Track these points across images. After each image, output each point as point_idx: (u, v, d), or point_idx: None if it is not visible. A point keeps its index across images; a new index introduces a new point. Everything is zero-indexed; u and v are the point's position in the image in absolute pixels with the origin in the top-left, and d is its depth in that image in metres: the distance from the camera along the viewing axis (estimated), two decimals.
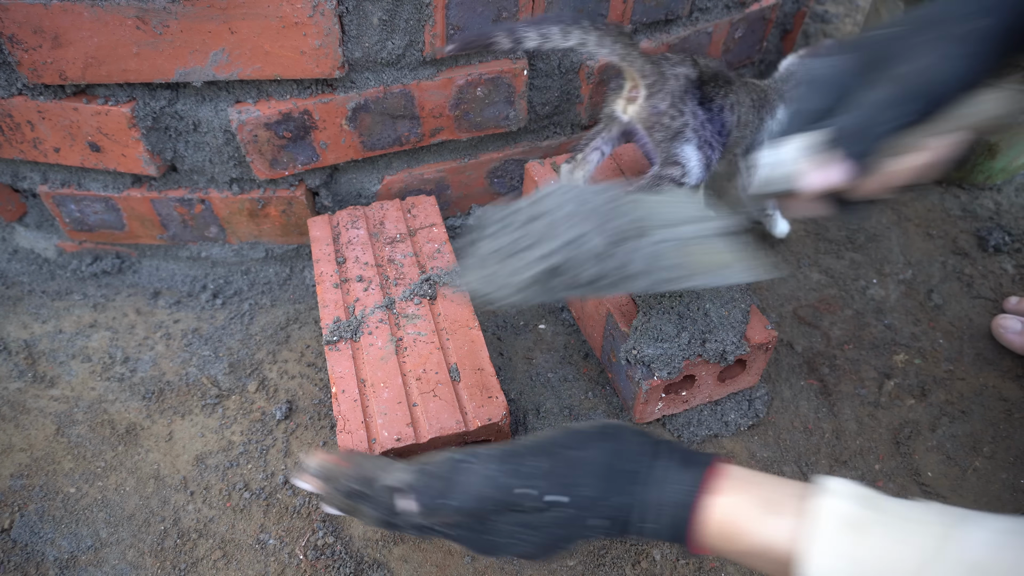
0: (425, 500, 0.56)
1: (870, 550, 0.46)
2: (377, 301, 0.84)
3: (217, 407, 0.92)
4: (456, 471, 0.57)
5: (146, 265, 1.10)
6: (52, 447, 0.87)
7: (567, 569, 0.77)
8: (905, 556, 0.45)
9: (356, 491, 0.60)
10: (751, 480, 0.54)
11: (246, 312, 1.04)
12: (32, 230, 1.09)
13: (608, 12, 0.95)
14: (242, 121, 0.87)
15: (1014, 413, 0.93)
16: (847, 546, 0.46)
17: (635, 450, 0.56)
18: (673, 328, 0.79)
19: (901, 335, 1.04)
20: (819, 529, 0.48)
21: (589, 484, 0.55)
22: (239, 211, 1.01)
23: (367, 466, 0.62)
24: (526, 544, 0.56)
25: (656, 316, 0.81)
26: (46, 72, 0.83)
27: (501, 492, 0.55)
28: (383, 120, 0.94)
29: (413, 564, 0.77)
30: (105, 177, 0.99)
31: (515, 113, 1.00)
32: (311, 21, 0.80)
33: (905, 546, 0.45)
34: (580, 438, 0.57)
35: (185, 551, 0.78)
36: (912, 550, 0.45)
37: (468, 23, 0.87)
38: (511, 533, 0.56)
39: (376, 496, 0.59)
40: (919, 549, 0.45)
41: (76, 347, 0.99)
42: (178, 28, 0.79)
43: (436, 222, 0.96)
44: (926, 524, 0.46)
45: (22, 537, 0.78)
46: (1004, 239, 1.17)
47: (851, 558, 0.46)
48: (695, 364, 0.80)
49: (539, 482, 0.55)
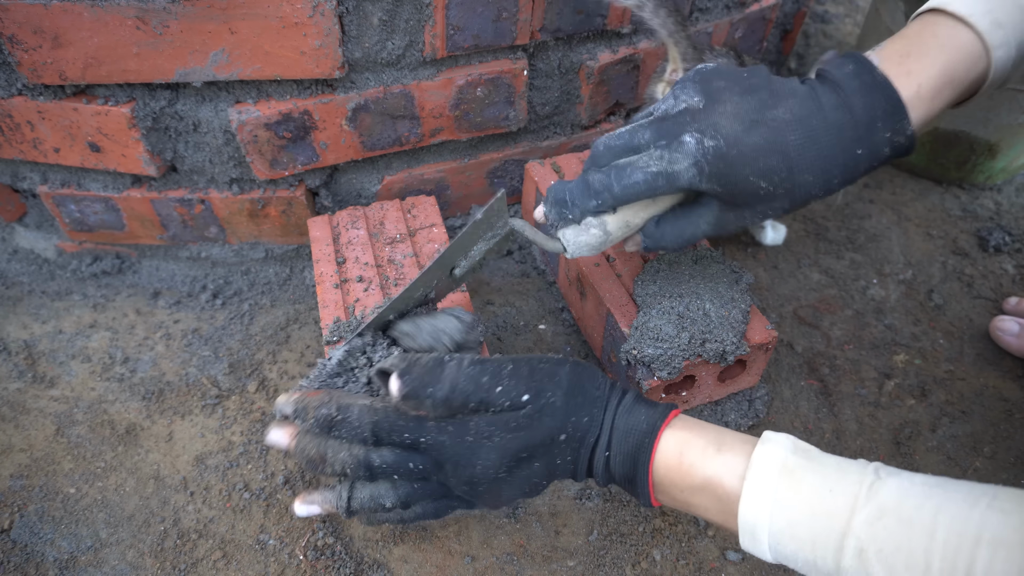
0: (410, 384, 0.58)
1: (801, 493, 0.50)
2: (377, 301, 0.84)
3: (217, 407, 0.92)
4: (441, 366, 0.59)
5: (146, 265, 1.10)
6: (52, 447, 0.87)
7: (567, 569, 0.77)
8: (831, 500, 0.49)
9: (331, 417, 0.61)
10: (703, 424, 0.59)
11: (246, 312, 1.04)
12: (32, 230, 1.09)
13: (608, 12, 0.95)
14: (242, 121, 0.87)
15: (1015, 413, 0.93)
16: (782, 490, 0.51)
17: (601, 382, 0.62)
18: (673, 328, 0.79)
19: (901, 335, 1.04)
20: (759, 470, 0.52)
21: (559, 396, 0.59)
22: (239, 211, 1.01)
23: (343, 396, 0.64)
24: (499, 454, 0.58)
25: (656, 316, 0.81)
26: (46, 72, 0.83)
27: (481, 389, 0.58)
28: (383, 120, 0.94)
29: (413, 564, 0.77)
30: (105, 177, 0.99)
31: (515, 113, 1.00)
32: (311, 21, 0.80)
33: (832, 492, 0.49)
34: (554, 361, 0.62)
35: (185, 551, 0.78)
36: (838, 496, 0.49)
37: (468, 23, 0.87)
38: (487, 435, 0.58)
39: (352, 420, 0.61)
40: (844, 495, 0.49)
41: (76, 347, 0.99)
42: (178, 28, 0.79)
43: (436, 222, 0.96)
44: (855, 474, 0.50)
45: (22, 537, 0.78)
46: (1004, 239, 1.17)
47: (783, 500, 0.50)
48: (695, 364, 0.80)
49: (515, 383, 0.58)
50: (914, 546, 0.45)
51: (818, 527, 0.49)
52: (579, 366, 0.62)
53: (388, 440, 0.60)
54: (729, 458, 0.55)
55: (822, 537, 0.49)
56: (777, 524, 0.51)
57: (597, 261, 0.92)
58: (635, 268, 0.89)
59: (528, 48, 0.95)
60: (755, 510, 0.52)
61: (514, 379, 0.59)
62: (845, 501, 0.48)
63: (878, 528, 0.46)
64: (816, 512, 0.49)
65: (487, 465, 0.59)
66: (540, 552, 0.78)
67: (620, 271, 0.89)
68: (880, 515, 0.47)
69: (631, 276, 0.88)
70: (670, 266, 0.87)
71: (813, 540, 0.49)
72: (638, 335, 0.80)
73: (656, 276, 0.85)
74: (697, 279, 0.84)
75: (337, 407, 0.62)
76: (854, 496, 0.48)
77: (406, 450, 0.61)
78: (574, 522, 0.81)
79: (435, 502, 0.65)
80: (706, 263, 0.87)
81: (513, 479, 0.60)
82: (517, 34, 0.91)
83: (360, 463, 0.62)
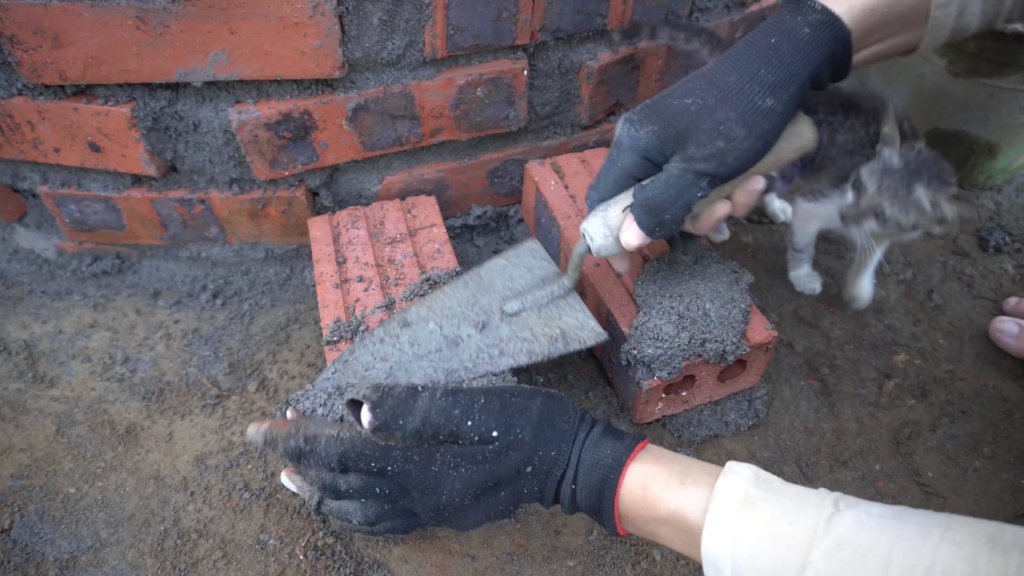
0: (382, 417, 0.59)
1: (762, 526, 0.51)
2: (377, 301, 0.84)
3: (217, 407, 0.92)
4: (414, 397, 0.60)
5: (146, 265, 1.10)
6: (52, 447, 0.87)
7: (567, 569, 0.77)
8: (791, 533, 0.50)
9: (299, 448, 0.63)
10: (669, 456, 0.60)
11: (246, 312, 1.04)
12: (32, 230, 1.09)
13: (608, 12, 0.95)
14: (242, 121, 0.87)
15: (1014, 413, 0.93)
16: (744, 522, 0.52)
17: (572, 415, 0.62)
18: (673, 328, 0.79)
19: (901, 335, 1.04)
20: (721, 503, 0.53)
21: (527, 431, 0.60)
22: (239, 211, 1.01)
23: (310, 426, 0.65)
24: (464, 484, 0.60)
25: (656, 316, 0.81)
26: (46, 72, 0.83)
27: (452, 422, 0.59)
28: (383, 120, 0.94)
29: (413, 564, 0.77)
30: (105, 177, 0.99)
31: (515, 113, 1.00)
32: (311, 21, 0.80)
33: (792, 525, 0.50)
34: (526, 393, 0.63)
35: (185, 551, 0.78)
36: (797, 529, 0.50)
37: (468, 23, 0.87)
38: (454, 465, 0.60)
39: (319, 451, 0.62)
40: (803, 528, 0.49)
41: (76, 347, 0.99)
42: (178, 28, 0.79)
43: (436, 222, 0.96)
44: (814, 506, 0.51)
45: (22, 537, 0.78)
46: (1004, 239, 1.17)
47: (745, 532, 0.51)
48: (695, 364, 0.80)
49: (486, 419, 0.60)
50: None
51: (778, 558, 0.50)
52: (550, 398, 0.63)
53: (355, 468, 0.62)
54: (692, 491, 0.56)
55: (782, 569, 0.49)
56: (739, 556, 0.51)
57: (597, 261, 0.92)
58: (635, 268, 0.89)
59: (528, 48, 0.95)
60: (717, 542, 0.52)
61: (484, 413, 0.60)
62: (804, 534, 0.49)
63: (835, 560, 0.47)
64: (776, 544, 0.50)
65: (452, 493, 0.60)
66: (540, 552, 0.78)
67: (620, 271, 0.90)
68: (837, 547, 0.48)
69: (631, 276, 0.88)
70: (670, 266, 0.87)
71: (774, 572, 0.50)
72: (638, 335, 0.80)
73: (656, 276, 0.85)
74: (697, 279, 0.84)
75: (304, 438, 0.63)
76: (813, 528, 0.49)
77: (373, 476, 0.62)
78: (574, 522, 0.81)
79: (403, 520, 0.67)
80: (706, 263, 0.87)
81: (479, 506, 0.61)
82: (517, 34, 0.91)
83: (327, 486, 0.64)
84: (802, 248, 1.05)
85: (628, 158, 0.69)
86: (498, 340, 0.77)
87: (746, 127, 0.64)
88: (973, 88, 1.16)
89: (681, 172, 0.66)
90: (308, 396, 0.73)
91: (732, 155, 0.65)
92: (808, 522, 0.50)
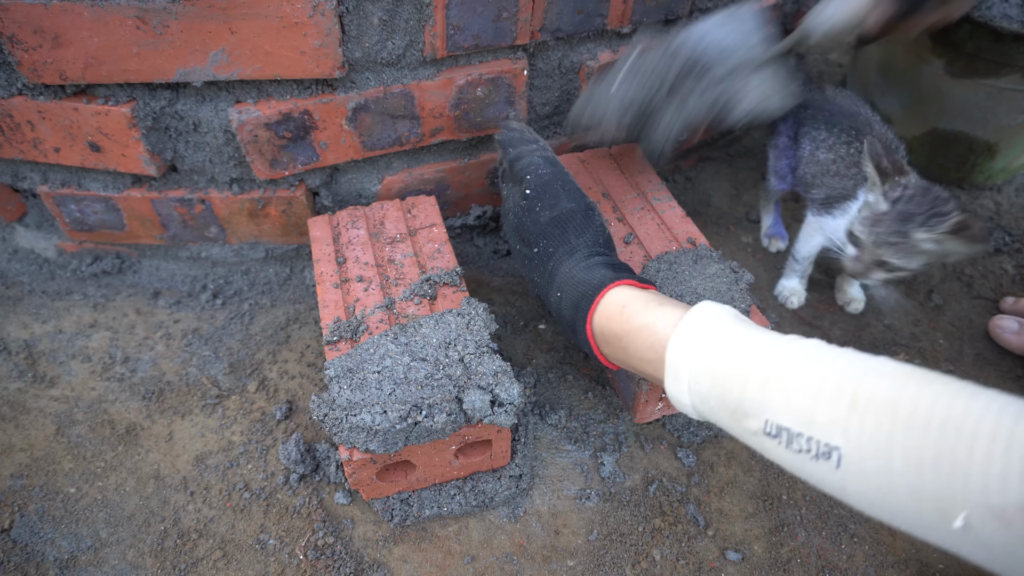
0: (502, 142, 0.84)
1: (725, 340, 0.54)
2: (377, 301, 0.84)
3: (217, 407, 0.92)
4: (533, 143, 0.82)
5: (146, 265, 1.10)
6: (52, 447, 0.87)
7: (567, 569, 0.77)
8: (751, 343, 0.53)
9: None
10: (656, 292, 0.66)
11: (246, 312, 1.04)
12: (32, 230, 1.09)
13: (608, 12, 0.95)
14: (242, 121, 0.87)
15: None
16: (710, 334, 0.55)
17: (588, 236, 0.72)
18: None
19: (901, 335, 1.04)
20: (693, 318, 0.57)
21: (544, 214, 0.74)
22: (239, 211, 1.01)
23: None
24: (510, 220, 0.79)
25: None
26: (46, 72, 0.83)
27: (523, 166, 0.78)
28: (383, 120, 0.94)
29: (413, 564, 0.77)
30: (105, 177, 0.99)
31: (515, 113, 1.00)
32: (311, 21, 0.80)
33: (753, 339, 0.53)
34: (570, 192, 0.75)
35: (185, 551, 0.78)
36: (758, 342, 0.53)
37: (468, 23, 0.87)
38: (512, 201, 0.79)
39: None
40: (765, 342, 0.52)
41: (76, 347, 0.99)
42: (178, 28, 0.79)
43: (436, 222, 0.96)
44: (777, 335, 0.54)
45: (22, 537, 0.78)
46: (1004, 239, 1.17)
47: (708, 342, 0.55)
48: None
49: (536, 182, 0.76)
50: (812, 375, 0.48)
51: (732, 362, 0.52)
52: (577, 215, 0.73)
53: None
54: (668, 310, 0.60)
55: (733, 370, 0.52)
56: (697, 363, 0.54)
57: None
58: (635, 268, 0.89)
59: (528, 48, 0.95)
60: (680, 349, 0.55)
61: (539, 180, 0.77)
62: (764, 344, 0.52)
63: (785, 363, 0.50)
64: (735, 350, 0.53)
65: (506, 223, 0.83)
66: (540, 552, 0.78)
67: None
68: (790, 354, 0.50)
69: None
70: (670, 266, 0.87)
71: (725, 374, 0.52)
72: None
73: (656, 276, 0.85)
74: (697, 279, 0.84)
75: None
76: (772, 342, 0.52)
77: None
78: (574, 522, 0.81)
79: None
80: (706, 263, 0.87)
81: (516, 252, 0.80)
82: (517, 34, 0.91)
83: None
84: (800, 260, 1.04)
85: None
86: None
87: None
88: (972, 88, 1.16)
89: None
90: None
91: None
92: (769, 337, 0.53)
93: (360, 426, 0.68)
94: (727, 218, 1.24)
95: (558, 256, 0.71)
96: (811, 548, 0.79)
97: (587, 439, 0.88)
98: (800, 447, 0.47)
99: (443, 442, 0.73)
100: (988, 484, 0.38)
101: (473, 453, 0.78)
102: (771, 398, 0.49)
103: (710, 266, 0.86)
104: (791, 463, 0.48)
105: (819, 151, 0.95)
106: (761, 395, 0.50)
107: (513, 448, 0.82)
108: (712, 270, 0.86)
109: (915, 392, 0.43)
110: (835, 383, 0.46)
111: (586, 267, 0.68)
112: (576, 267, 0.69)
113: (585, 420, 0.90)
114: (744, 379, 0.51)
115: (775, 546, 0.80)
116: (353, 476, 0.73)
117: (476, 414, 0.69)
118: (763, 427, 0.49)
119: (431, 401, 0.69)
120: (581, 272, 0.68)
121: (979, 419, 0.40)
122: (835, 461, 0.45)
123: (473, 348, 0.75)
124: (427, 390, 0.71)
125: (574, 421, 0.90)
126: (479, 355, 0.74)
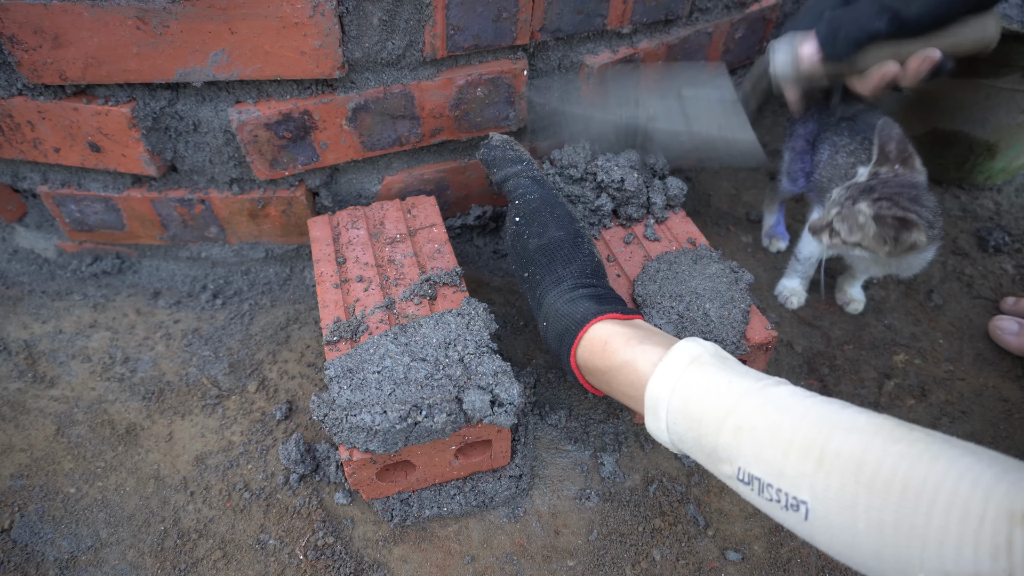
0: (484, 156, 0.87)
1: (702, 381, 0.55)
2: (377, 301, 0.84)
3: (217, 407, 0.92)
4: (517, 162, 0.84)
5: (146, 265, 1.10)
6: (52, 447, 0.87)
7: (567, 569, 0.77)
8: (727, 388, 0.53)
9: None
10: (640, 324, 0.66)
11: (246, 312, 1.04)
12: (32, 230, 1.09)
13: (608, 12, 0.95)
14: (242, 121, 0.87)
15: (1014, 413, 0.93)
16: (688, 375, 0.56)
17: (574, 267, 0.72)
18: (673, 328, 0.79)
19: (901, 335, 1.04)
20: (672, 358, 0.58)
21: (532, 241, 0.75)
22: (239, 211, 1.01)
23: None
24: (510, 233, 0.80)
25: (656, 316, 0.81)
26: (46, 72, 0.83)
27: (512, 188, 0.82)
28: (383, 120, 0.94)
29: (413, 564, 0.77)
30: (105, 177, 0.99)
31: (515, 113, 1.00)
32: (311, 21, 0.80)
33: (729, 384, 0.54)
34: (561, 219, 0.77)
35: (185, 551, 0.78)
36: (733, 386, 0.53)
37: (468, 23, 0.87)
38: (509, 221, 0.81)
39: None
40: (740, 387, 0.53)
41: (76, 347, 0.99)
42: (178, 28, 0.79)
43: (436, 222, 0.96)
44: (755, 378, 0.54)
45: (22, 537, 0.78)
46: (1004, 239, 1.17)
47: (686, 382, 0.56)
48: None
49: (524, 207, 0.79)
50: (784, 427, 0.49)
51: (708, 406, 0.53)
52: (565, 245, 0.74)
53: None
54: (649, 348, 0.60)
55: (709, 415, 0.53)
56: (675, 403, 0.55)
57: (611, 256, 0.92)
58: (635, 268, 0.89)
59: (528, 48, 0.95)
60: (660, 388, 0.56)
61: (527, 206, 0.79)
62: (739, 390, 0.53)
63: (758, 412, 0.50)
64: (711, 395, 0.53)
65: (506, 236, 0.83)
66: (540, 552, 0.78)
67: (620, 271, 0.89)
68: (764, 403, 0.51)
69: (631, 276, 0.88)
70: (670, 266, 0.87)
71: (701, 417, 0.53)
72: None
73: (656, 276, 0.85)
74: (697, 279, 0.84)
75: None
76: (747, 389, 0.52)
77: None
78: (574, 522, 0.81)
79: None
80: (706, 263, 0.87)
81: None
82: (517, 34, 0.91)
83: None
84: (802, 260, 1.04)
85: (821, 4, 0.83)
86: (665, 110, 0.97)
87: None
88: (971, 88, 1.16)
89: (869, 2, 0.78)
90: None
91: (918, 2, 0.75)
92: (746, 384, 0.53)
93: (360, 426, 0.68)
94: (727, 218, 1.24)
95: (544, 285, 0.72)
96: (811, 548, 0.79)
97: (587, 439, 0.88)
98: (771, 496, 0.48)
99: (443, 442, 0.73)
100: (943, 552, 0.39)
101: (473, 453, 0.78)
102: (744, 447, 0.50)
103: (710, 266, 0.86)
104: (764, 508, 0.50)
105: (839, 155, 0.95)
106: (735, 443, 0.51)
107: (513, 448, 0.82)
108: (712, 270, 0.86)
109: (880, 452, 0.44)
110: (805, 437, 0.47)
111: (570, 299, 0.69)
112: (560, 299, 0.69)
113: (585, 420, 0.90)
114: (718, 426, 0.52)
115: (775, 546, 0.80)
116: (353, 476, 0.73)
117: (476, 414, 0.69)
118: (736, 473, 0.51)
119: (431, 401, 0.69)
120: (565, 305, 0.69)
121: (937, 486, 0.41)
122: (803, 514, 0.46)
123: (473, 348, 0.75)
124: (427, 390, 0.71)
125: (574, 421, 0.90)
126: (479, 355, 0.74)
